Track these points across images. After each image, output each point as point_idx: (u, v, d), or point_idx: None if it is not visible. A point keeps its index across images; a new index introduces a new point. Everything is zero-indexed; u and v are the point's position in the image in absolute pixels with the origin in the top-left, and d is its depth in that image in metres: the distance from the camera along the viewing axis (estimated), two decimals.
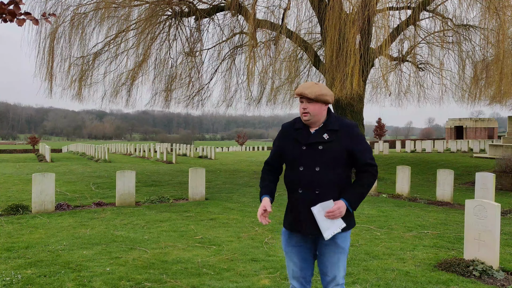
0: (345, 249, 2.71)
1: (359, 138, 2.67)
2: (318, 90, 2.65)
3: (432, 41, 16.61)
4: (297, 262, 2.77)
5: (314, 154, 2.64)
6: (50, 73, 14.36)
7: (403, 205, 9.29)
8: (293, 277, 2.82)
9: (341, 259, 2.71)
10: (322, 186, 2.60)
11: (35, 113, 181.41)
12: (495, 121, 42.92)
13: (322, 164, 2.61)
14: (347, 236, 2.72)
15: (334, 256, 2.69)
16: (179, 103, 17.50)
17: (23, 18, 3.13)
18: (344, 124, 2.70)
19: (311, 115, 2.67)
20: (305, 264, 2.78)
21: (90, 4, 14.18)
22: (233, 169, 18.65)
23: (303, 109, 2.69)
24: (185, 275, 4.41)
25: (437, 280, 4.27)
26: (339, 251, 2.69)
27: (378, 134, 59.06)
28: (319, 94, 2.64)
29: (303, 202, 2.65)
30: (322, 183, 2.61)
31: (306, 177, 2.63)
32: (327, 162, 2.61)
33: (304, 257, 2.76)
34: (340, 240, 2.68)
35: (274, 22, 14.52)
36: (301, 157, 2.66)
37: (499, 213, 4.57)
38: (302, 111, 2.70)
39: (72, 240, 5.79)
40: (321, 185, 2.61)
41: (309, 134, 2.70)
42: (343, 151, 2.62)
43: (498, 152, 18.96)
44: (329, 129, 2.67)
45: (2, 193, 10.42)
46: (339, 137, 2.65)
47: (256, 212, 8.07)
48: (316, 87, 2.67)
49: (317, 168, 2.61)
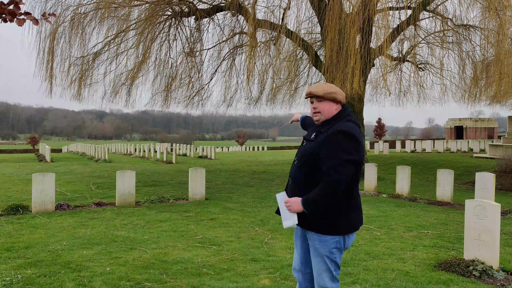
0: (323, 253, 2.63)
1: (330, 144, 2.55)
2: (327, 88, 2.69)
3: (432, 41, 16.62)
4: (298, 254, 2.85)
5: (301, 148, 2.82)
6: (50, 73, 14.36)
7: (403, 205, 9.29)
8: (293, 268, 2.89)
9: (319, 263, 2.64)
10: (295, 180, 2.75)
11: (35, 113, 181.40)
12: (495, 121, 42.90)
13: (299, 160, 2.76)
14: (326, 241, 2.62)
15: (314, 259, 2.69)
16: (179, 103, 17.51)
17: (23, 18, 3.13)
18: (334, 129, 2.61)
19: (322, 114, 2.70)
20: (305, 258, 2.79)
21: (90, 4, 14.18)
22: (233, 169, 18.65)
23: (313, 108, 2.72)
24: (185, 275, 4.41)
25: (437, 280, 4.27)
26: (317, 254, 2.66)
27: (378, 134, 59.07)
28: (327, 91, 2.66)
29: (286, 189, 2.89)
30: (296, 177, 2.75)
31: (292, 168, 2.85)
32: (302, 159, 2.73)
33: (306, 250, 2.80)
34: (317, 242, 2.65)
35: (274, 22, 14.52)
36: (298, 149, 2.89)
37: (499, 213, 4.57)
38: (313, 111, 2.73)
39: (72, 240, 5.79)
40: (294, 178, 2.77)
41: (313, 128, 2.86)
42: (311, 153, 2.65)
43: (498, 152, 18.96)
44: (320, 129, 2.71)
45: (2, 193, 10.42)
46: (318, 139, 2.65)
47: (256, 212, 8.09)
48: (324, 85, 2.72)
49: (296, 162, 2.79)
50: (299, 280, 2.86)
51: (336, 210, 2.60)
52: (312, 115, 2.75)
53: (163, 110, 18.58)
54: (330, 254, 2.63)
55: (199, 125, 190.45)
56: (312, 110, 2.72)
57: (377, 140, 48.25)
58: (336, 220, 2.61)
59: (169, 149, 37.99)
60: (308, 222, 2.64)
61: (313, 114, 2.72)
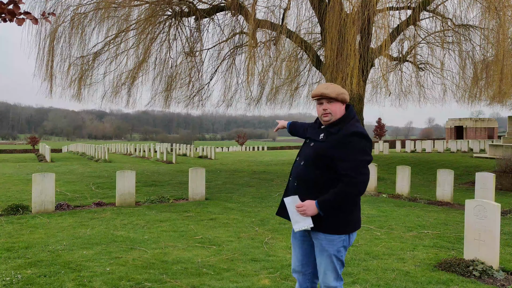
0: (331, 252, 2.64)
1: (348, 147, 2.57)
2: (338, 89, 2.68)
3: (432, 41, 16.62)
4: (298, 256, 2.83)
5: (306, 149, 2.77)
6: (50, 73, 14.36)
7: (403, 205, 9.29)
8: (293, 270, 2.88)
9: (326, 262, 2.66)
10: (301, 180, 2.70)
11: (35, 113, 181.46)
12: (495, 121, 42.87)
13: (307, 160, 2.70)
14: (334, 240, 2.65)
15: (321, 258, 2.69)
16: (179, 103, 17.52)
17: (23, 18, 3.13)
18: (346, 131, 2.63)
19: (332, 115, 2.68)
20: (305, 259, 2.79)
21: (90, 4, 14.18)
22: (233, 169, 18.64)
23: (323, 110, 2.68)
24: (185, 275, 4.41)
25: (437, 280, 4.27)
26: (324, 254, 2.66)
27: (378, 134, 59.09)
28: (339, 92, 2.66)
29: (287, 189, 2.85)
30: (302, 177, 2.70)
31: (295, 168, 2.79)
32: (310, 160, 2.68)
33: (305, 251, 2.79)
34: (325, 242, 2.66)
35: (274, 22, 14.52)
36: (301, 149, 2.84)
37: (499, 213, 4.57)
38: (323, 112, 2.69)
39: (72, 240, 5.79)
40: (301, 179, 2.71)
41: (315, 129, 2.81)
42: (325, 154, 2.63)
43: (498, 152, 18.95)
44: (328, 130, 2.69)
45: (2, 193, 10.42)
46: (331, 141, 2.65)
47: (256, 212, 8.09)
48: (335, 86, 2.69)
49: (302, 162, 2.73)
50: (300, 280, 2.85)
51: (344, 210, 2.64)
52: (321, 116, 2.71)
53: (163, 110, 18.59)
54: (338, 253, 2.66)
55: (199, 125, 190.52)
56: (321, 111, 2.69)
57: (377, 140, 48.25)
58: (343, 220, 2.65)
59: (169, 149, 37.99)
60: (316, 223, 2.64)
61: (323, 115, 2.69)
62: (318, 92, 2.68)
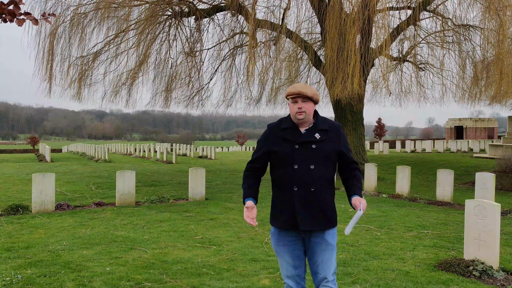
0: (334, 246, 2.80)
1: (345, 139, 2.89)
2: (313, 89, 2.82)
3: (432, 41, 16.61)
4: (290, 261, 2.82)
5: (308, 152, 2.74)
6: (49, 73, 14.37)
7: (403, 205, 9.29)
8: (287, 276, 2.86)
9: (331, 256, 2.77)
10: (317, 183, 2.71)
11: (35, 113, 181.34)
12: (495, 121, 42.89)
13: (316, 162, 2.72)
14: (335, 233, 2.82)
15: (324, 254, 2.75)
16: (179, 103, 17.53)
17: (23, 18, 3.12)
18: (332, 124, 2.86)
19: (306, 114, 2.77)
20: (297, 262, 2.83)
21: (90, 4, 14.18)
22: (233, 169, 18.64)
23: (298, 108, 2.77)
24: (185, 275, 4.41)
25: (437, 280, 4.27)
26: (328, 248, 2.75)
27: (378, 134, 59.03)
28: (314, 93, 2.80)
29: (298, 199, 2.70)
30: (317, 180, 2.71)
31: (301, 175, 2.71)
32: (320, 160, 2.73)
33: (296, 255, 2.83)
34: (329, 237, 2.76)
35: (274, 22, 14.52)
36: (294, 155, 2.73)
37: (499, 213, 4.57)
38: (297, 110, 2.77)
39: (72, 240, 5.79)
40: (316, 182, 2.71)
41: (300, 133, 2.78)
42: (333, 150, 2.78)
43: (498, 152, 18.94)
44: (320, 128, 2.79)
45: (2, 193, 10.42)
46: (330, 137, 2.80)
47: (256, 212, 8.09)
48: (310, 87, 2.82)
49: (311, 166, 2.71)
50: (293, 284, 2.84)
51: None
52: (295, 114, 2.78)
53: (163, 110, 18.60)
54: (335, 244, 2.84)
55: (199, 125, 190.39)
56: (296, 109, 2.77)
57: (377, 140, 48.24)
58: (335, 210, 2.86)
59: (169, 149, 37.99)
60: (329, 221, 2.74)
61: (298, 113, 2.77)
62: (296, 90, 2.76)
